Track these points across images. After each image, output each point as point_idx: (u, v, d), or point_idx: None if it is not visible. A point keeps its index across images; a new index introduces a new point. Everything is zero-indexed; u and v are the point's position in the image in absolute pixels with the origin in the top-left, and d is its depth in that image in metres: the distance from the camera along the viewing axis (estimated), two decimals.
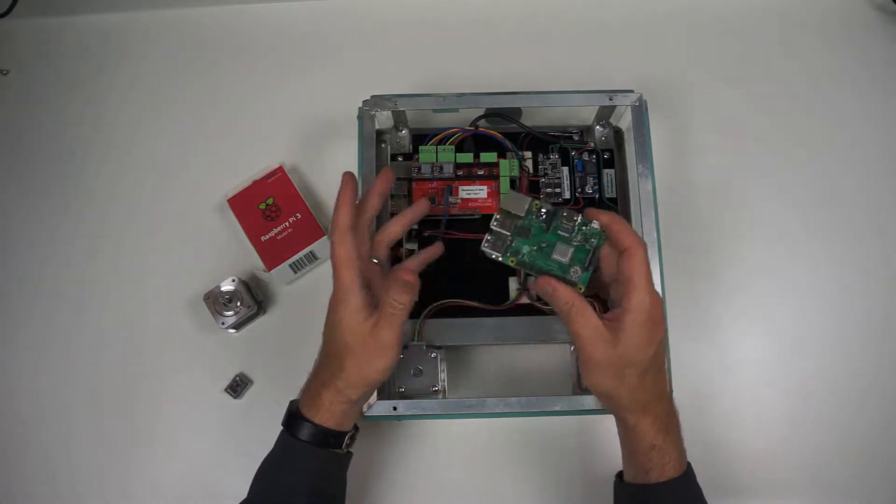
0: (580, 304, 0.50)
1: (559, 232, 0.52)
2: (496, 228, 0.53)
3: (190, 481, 0.66)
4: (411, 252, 0.62)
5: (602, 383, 0.50)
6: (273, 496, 0.52)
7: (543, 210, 0.53)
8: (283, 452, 0.53)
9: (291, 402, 0.54)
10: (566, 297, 0.50)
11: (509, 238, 0.53)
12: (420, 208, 0.58)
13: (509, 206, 0.53)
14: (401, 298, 0.50)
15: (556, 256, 0.52)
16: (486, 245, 0.52)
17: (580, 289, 0.52)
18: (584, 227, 0.52)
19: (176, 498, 0.66)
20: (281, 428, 0.53)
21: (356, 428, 0.55)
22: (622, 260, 0.50)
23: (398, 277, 0.51)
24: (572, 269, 0.52)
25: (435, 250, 0.59)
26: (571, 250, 0.52)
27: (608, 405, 0.52)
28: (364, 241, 0.54)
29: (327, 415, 0.52)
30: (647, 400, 0.50)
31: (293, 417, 0.52)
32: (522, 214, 0.53)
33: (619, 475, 0.54)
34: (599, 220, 0.52)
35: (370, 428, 0.66)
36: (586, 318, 0.49)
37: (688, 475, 0.51)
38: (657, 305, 0.49)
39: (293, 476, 0.52)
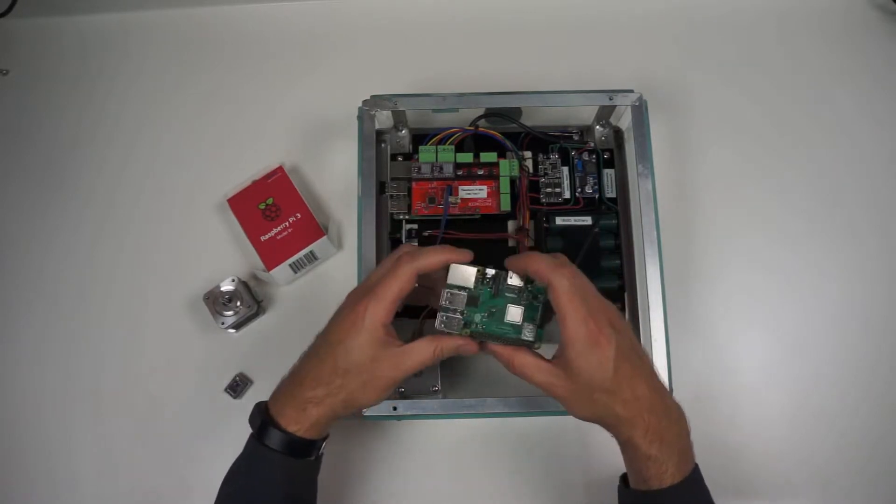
0: (520, 357, 0.50)
1: (507, 294, 0.52)
2: (447, 305, 0.52)
3: (190, 481, 0.66)
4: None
5: (579, 412, 0.50)
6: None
7: (489, 276, 0.53)
8: (254, 461, 0.52)
9: (259, 406, 0.53)
10: (505, 357, 0.51)
11: (461, 312, 0.52)
12: (466, 255, 0.53)
13: (457, 280, 0.52)
14: (447, 355, 0.51)
15: (508, 319, 0.52)
16: (440, 325, 0.52)
17: (537, 346, 0.52)
18: (529, 286, 0.52)
19: (175, 498, 0.66)
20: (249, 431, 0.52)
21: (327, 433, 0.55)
22: (549, 295, 0.49)
23: (464, 346, 0.52)
24: (526, 329, 0.52)
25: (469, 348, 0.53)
26: (521, 310, 0.52)
27: (600, 425, 0.51)
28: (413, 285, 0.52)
29: (313, 429, 0.51)
30: (631, 414, 0.49)
31: (266, 427, 0.51)
32: (471, 286, 0.52)
33: (623, 477, 0.54)
34: (516, 270, 0.52)
35: (370, 428, 0.66)
36: (532, 368, 0.49)
37: (692, 479, 0.50)
38: (597, 328, 0.47)
39: (267, 485, 0.51)
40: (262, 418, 0.51)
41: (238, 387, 0.67)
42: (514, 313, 0.52)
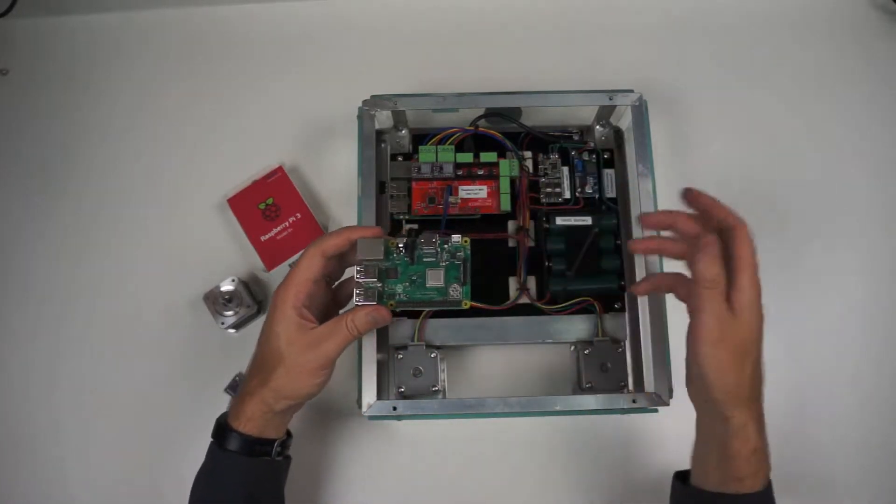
0: (723, 284, 0.45)
1: (424, 259, 0.52)
2: (362, 280, 0.52)
3: (189, 481, 0.66)
4: None
5: (723, 370, 0.45)
6: None
7: (401, 245, 0.53)
8: (212, 464, 0.53)
9: (221, 415, 0.54)
10: (714, 273, 0.45)
11: (379, 284, 0.52)
12: (373, 231, 0.53)
13: (366, 254, 0.52)
14: (362, 327, 0.51)
15: (431, 283, 0.52)
16: (358, 300, 0.52)
17: (466, 304, 0.52)
18: (445, 245, 0.52)
19: (175, 498, 0.65)
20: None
21: (289, 434, 0.55)
22: (730, 239, 0.47)
23: (373, 312, 0.51)
24: (451, 289, 0.52)
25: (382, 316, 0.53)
26: (442, 272, 0.52)
27: (719, 402, 0.46)
28: (327, 267, 0.53)
29: (250, 424, 0.51)
30: (755, 396, 0.46)
31: (220, 429, 0.52)
32: (381, 257, 0.52)
33: (679, 477, 0.51)
34: (700, 203, 0.50)
35: (370, 428, 0.66)
36: (721, 298, 0.45)
37: (771, 488, 0.48)
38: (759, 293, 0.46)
39: (226, 487, 0.52)
40: (219, 421, 0.53)
41: (238, 387, 0.67)
42: (435, 276, 0.52)
